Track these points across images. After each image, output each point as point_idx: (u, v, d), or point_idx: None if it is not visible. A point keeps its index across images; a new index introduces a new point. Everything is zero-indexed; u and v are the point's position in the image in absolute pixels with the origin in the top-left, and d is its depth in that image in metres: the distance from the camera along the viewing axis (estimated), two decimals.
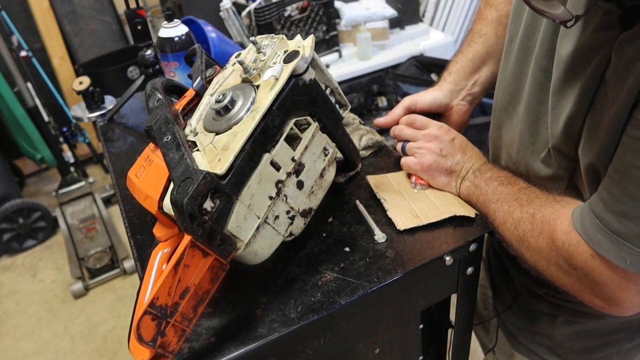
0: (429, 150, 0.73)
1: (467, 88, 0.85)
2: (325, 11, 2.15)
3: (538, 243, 0.60)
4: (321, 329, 0.59)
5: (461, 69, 0.84)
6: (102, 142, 1.07)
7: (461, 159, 0.72)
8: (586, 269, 0.55)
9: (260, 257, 0.59)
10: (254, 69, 0.62)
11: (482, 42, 0.84)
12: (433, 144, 0.73)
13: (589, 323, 0.78)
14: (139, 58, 1.13)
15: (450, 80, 0.84)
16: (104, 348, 1.99)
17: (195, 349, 0.55)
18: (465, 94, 0.85)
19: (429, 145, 0.73)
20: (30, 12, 2.80)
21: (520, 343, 0.86)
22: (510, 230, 0.63)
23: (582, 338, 0.80)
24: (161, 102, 0.66)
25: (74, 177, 2.82)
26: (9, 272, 2.46)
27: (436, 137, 0.73)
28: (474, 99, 0.86)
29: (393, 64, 2.28)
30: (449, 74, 0.85)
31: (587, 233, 0.54)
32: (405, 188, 0.76)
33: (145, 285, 0.56)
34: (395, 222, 0.69)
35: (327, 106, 0.65)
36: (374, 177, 0.79)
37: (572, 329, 0.79)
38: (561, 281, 0.60)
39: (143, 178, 0.60)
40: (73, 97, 2.85)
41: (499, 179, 0.68)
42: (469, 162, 0.72)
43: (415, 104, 0.82)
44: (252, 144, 0.55)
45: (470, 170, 0.72)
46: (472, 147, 0.75)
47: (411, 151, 0.75)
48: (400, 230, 0.68)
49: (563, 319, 0.79)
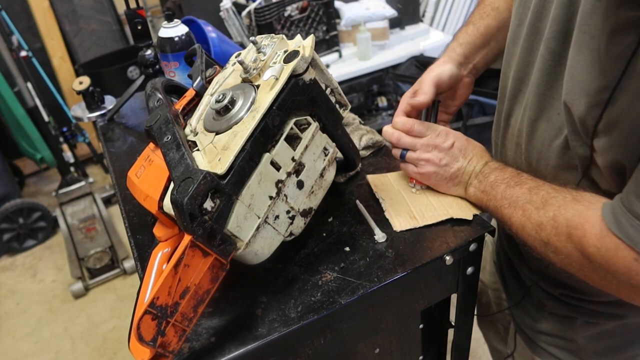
0: (429, 161, 0.71)
1: (475, 62, 0.83)
2: (325, 11, 2.15)
3: (567, 248, 0.57)
4: (321, 328, 0.59)
5: (472, 42, 0.82)
6: (102, 142, 1.07)
7: (462, 164, 0.71)
8: (629, 273, 0.52)
9: (260, 257, 0.59)
10: (254, 69, 0.62)
11: (494, 17, 0.81)
12: (433, 154, 0.71)
13: (609, 324, 0.76)
14: (139, 58, 1.13)
15: (460, 52, 0.82)
16: (104, 348, 1.99)
17: (196, 349, 0.55)
18: (471, 67, 0.83)
19: (429, 155, 0.71)
20: (30, 12, 2.80)
21: (541, 347, 0.84)
22: (532, 235, 0.61)
23: (603, 339, 0.78)
24: (161, 102, 0.66)
25: (74, 177, 2.82)
26: (9, 272, 2.46)
27: (435, 147, 0.72)
28: (477, 73, 0.84)
29: (393, 64, 2.28)
30: (458, 45, 0.82)
31: (629, 236, 0.50)
32: (404, 188, 0.76)
33: (145, 285, 0.56)
34: (392, 223, 0.69)
35: (327, 106, 0.65)
36: (373, 177, 0.79)
37: (593, 330, 0.77)
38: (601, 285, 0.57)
39: (143, 178, 0.60)
40: (73, 97, 2.86)
41: (504, 181, 0.66)
42: (469, 165, 0.71)
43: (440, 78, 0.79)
44: (252, 144, 0.55)
45: (472, 174, 0.70)
46: (472, 146, 0.73)
47: (411, 161, 0.73)
48: (398, 231, 0.68)
49: (582, 320, 0.77)
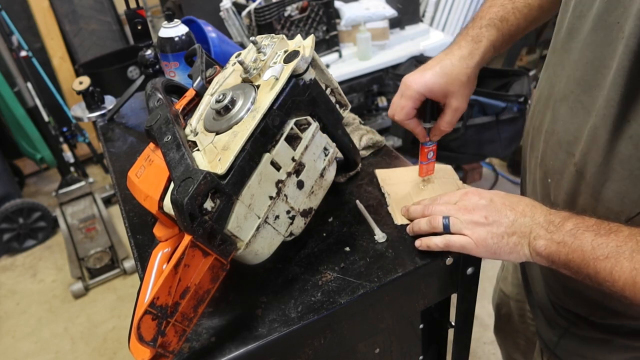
0: (475, 223, 0.61)
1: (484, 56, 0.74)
2: (325, 11, 2.15)
3: None
4: (321, 328, 0.59)
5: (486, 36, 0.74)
6: (102, 142, 1.07)
7: (514, 215, 0.60)
8: None
9: (260, 257, 0.59)
10: (254, 69, 0.62)
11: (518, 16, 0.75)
12: (475, 215, 0.62)
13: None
14: (139, 58, 1.13)
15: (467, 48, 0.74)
16: (104, 348, 1.99)
17: (196, 349, 0.55)
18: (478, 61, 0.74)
19: (471, 217, 0.62)
20: (30, 12, 2.80)
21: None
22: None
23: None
24: (161, 102, 0.66)
25: (74, 177, 2.82)
26: (9, 272, 2.45)
27: (475, 207, 0.62)
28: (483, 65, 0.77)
29: (393, 64, 2.28)
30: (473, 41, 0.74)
31: None
32: (411, 183, 0.76)
33: (145, 285, 0.56)
34: (393, 216, 0.70)
35: (328, 106, 0.65)
36: (382, 171, 0.79)
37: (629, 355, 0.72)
38: None
39: (143, 178, 0.60)
40: (73, 97, 2.85)
41: (590, 228, 0.55)
42: (524, 217, 0.60)
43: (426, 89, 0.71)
44: (253, 144, 0.55)
45: (533, 225, 0.59)
46: (517, 198, 0.63)
47: (457, 230, 0.62)
48: (399, 226, 0.68)
49: (618, 343, 0.72)
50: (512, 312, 1.03)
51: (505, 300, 1.04)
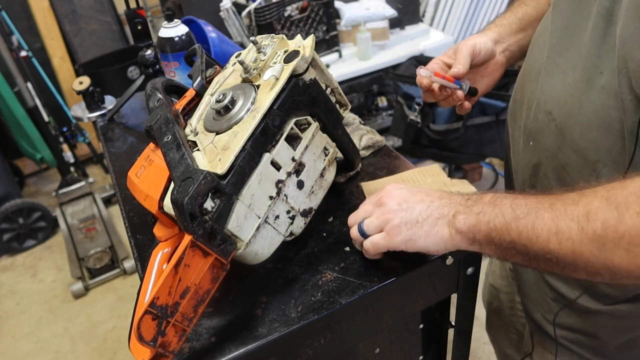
0: (389, 212, 0.59)
1: (509, 44, 0.82)
2: (325, 11, 2.15)
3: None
4: (321, 328, 0.59)
5: (507, 24, 0.81)
6: (102, 142, 1.07)
7: (429, 199, 0.59)
8: None
9: (260, 257, 0.59)
10: (254, 69, 0.62)
11: (533, 6, 0.81)
12: (388, 206, 0.59)
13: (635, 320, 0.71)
14: (139, 58, 1.13)
15: (495, 31, 0.81)
16: (104, 348, 1.99)
17: (196, 349, 0.55)
18: (505, 47, 0.82)
19: (385, 209, 0.60)
20: (30, 12, 2.80)
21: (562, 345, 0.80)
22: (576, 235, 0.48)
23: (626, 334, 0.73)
24: (161, 102, 0.66)
25: (74, 177, 2.82)
26: (9, 272, 2.45)
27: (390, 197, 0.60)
28: (510, 57, 0.82)
29: (393, 64, 2.28)
30: (495, 26, 0.82)
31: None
32: None
33: (145, 285, 0.56)
34: None
35: (328, 106, 0.65)
36: (367, 184, 0.78)
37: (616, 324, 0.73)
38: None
39: (143, 178, 0.60)
40: (73, 97, 2.85)
41: (507, 196, 0.54)
42: (440, 200, 0.58)
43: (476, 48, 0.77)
44: (253, 144, 0.55)
45: (454, 204, 0.57)
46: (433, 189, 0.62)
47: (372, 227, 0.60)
48: None
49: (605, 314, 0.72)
50: (503, 306, 1.04)
51: (495, 294, 1.05)
